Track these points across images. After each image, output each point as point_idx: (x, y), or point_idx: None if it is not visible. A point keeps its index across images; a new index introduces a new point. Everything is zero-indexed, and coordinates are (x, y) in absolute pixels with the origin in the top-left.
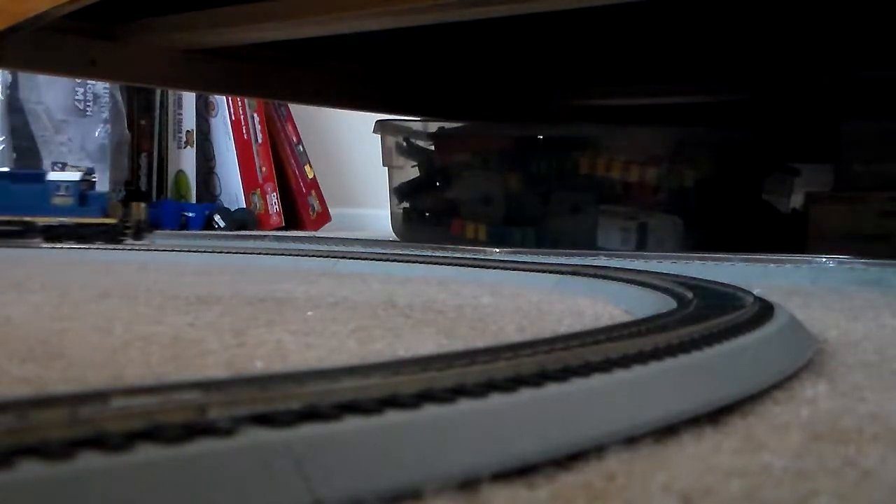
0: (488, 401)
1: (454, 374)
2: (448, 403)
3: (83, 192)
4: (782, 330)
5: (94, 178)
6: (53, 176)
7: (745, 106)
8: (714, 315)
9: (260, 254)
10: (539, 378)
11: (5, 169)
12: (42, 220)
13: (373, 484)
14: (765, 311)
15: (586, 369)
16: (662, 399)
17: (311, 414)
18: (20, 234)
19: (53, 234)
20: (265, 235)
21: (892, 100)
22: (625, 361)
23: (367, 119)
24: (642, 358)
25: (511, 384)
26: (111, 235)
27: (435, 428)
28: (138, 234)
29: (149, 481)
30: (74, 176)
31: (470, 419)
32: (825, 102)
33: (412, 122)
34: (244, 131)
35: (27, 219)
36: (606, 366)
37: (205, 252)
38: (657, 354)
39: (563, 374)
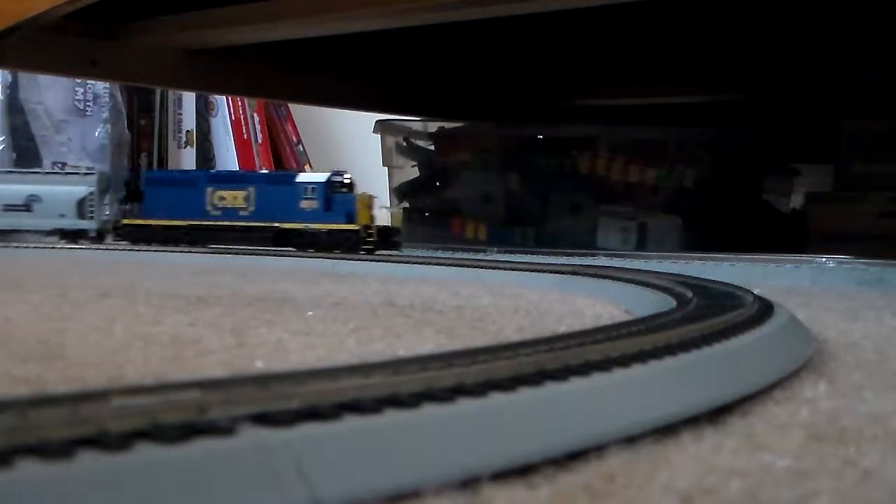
0: (488, 400)
1: (454, 373)
2: (448, 403)
3: (328, 195)
4: (782, 329)
5: (348, 178)
6: (302, 177)
7: (745, 106)
8: (714, 314)
9: (260, 254)
10: (538, 377)
11: (264, 171)
12: (290, 226)
13: (373, 483)
14: (764, 310)
15: (586, 368)
16: (662, 398)
17: (311, 413)
18: (270, 241)
19: (303, 243)
20: None
21: (891, 100)
22: (624, 360)
23: (367, 119)
24: (642, 357)
25: (511, 383)
26: (353, 244)
27: (435, 427)
28: (391, 244)
29: (148, 481)
30: (321, 177)
31: (470, 418)
32: (825, 102)
33: (412, 122)
34: (244, 131)
35: (276, 224)
36: (606, 365)
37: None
38: (657, 353)
39: (563, 373)
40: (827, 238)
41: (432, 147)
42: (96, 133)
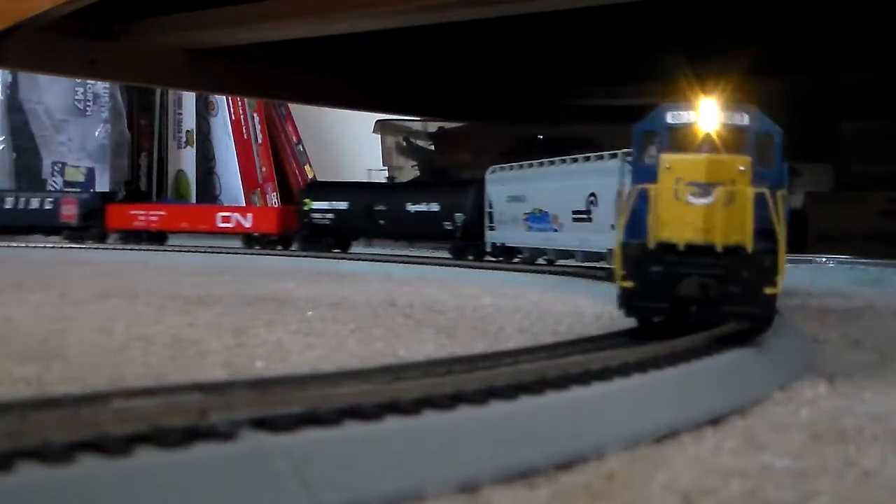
0: (488, 408)
1: (454, 380)
2: (448, 410)
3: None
4: (781, 339)
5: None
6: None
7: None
8: (713, 323)
9: (260, 254)
10: (539, 385)
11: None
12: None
13: (373, 490)
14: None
15: (586, 377)
16: (661, 408)
17: (312, 418)
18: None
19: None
20: None
21: (891, 100)
22: (624, 370)
23: (367, 119)
24: (641, 367)
25: (511, 391)
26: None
27: (435, 434)
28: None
29: (148, 486)
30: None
31: (470, 426)
32: (825, 102)
33: (412, 122)
34: (244, 131)
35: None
36: (606, 374)
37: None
38: (656, 363)
39: (563, 381)
40: (827, 238)
41: (432, 147)
42: (96, 133)
